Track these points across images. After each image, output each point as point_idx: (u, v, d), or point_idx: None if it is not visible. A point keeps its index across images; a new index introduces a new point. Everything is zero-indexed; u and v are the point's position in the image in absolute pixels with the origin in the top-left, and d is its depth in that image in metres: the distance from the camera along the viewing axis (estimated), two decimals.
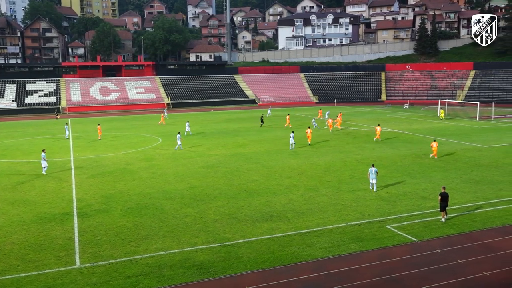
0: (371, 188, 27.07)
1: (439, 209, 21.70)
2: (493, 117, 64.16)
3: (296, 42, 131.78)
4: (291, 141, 41.14)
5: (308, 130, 43.64)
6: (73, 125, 63.62)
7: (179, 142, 41.71)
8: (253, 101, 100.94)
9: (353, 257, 17.85)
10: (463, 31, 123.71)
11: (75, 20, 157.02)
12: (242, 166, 34.28)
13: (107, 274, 16.75)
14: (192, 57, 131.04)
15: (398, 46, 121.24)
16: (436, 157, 35.82)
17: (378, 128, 45.98)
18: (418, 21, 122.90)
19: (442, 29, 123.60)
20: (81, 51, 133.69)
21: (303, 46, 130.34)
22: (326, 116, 61.79)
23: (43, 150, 34.12)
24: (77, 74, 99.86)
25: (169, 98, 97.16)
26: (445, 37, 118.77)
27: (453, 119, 63.59)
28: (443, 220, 21.38)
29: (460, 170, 31.78)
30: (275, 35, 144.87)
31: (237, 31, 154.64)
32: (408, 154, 38.05)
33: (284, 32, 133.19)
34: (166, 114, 72.23)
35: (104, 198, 26.21)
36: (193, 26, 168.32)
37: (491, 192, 26.10)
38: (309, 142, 43.19)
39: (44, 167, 32.64)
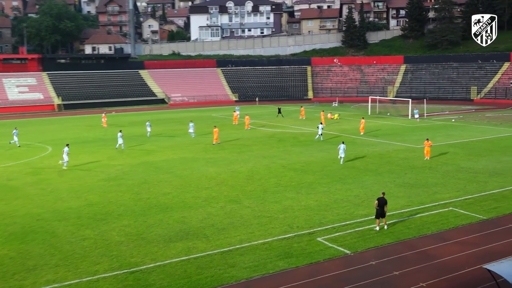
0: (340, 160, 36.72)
1: (374, 216, 22.70)
2: (425, 114, 68.61)
3: (211, 33, 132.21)
4: (320, 131, 47.83)
5: (216, 129, 46.67)
6: None
7: (120, 141, 44.44)
8: (162, 101, 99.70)
9: (281, 275, 18.16)
10: (393, 22, 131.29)
11: None
12: (151, 177, 33.73)
13: None
14: (88, 49, 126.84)
15: (325, 37, 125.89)
16: (428, 158, 37.89)
17: (362, 121, 52.83)
18: (345, 11, 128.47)
19: (371, 19, 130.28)
20: None
21: (220, 37, 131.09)
22: (416, 114, 64.68)
23: (67, 145, 38.28)
24: None
25: (60, 98, 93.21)
26: (374, 28, 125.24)
27: (384, 118, 67.12)
28: (377, 228, 22.43)
29: (394, 173, 33.60)
30: (187, 24, 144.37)
31: (141, 19, 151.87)
32: (338, 157, 39.51)
33: (197, 21, 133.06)
34: (104, 118, 67.56)
35: None
36: (88, 12, 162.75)
37: (425, 196, 27.87)
38: (213, 142, 46.57)
39: (65, 162, 36.92)
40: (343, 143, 37.52)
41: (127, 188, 30.78)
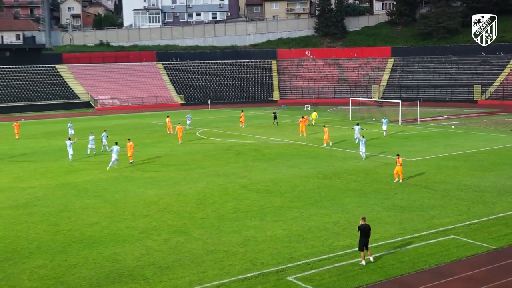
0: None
1: (358, 248, 22.89)
2: (419, 120, 69.97)
3: (149, 17, 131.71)
4: (357, 134, 52.11)
5: (130, 143, 45.27)
6: None
7: (70, 151, 46.20)
8: (87, 104, 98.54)
9: None
10: (377, 5, 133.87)
11: None
12: (73, 203, 33.26)
13: None
14: None
15: (294, 24, 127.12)
16: (401, 180, 37.04)
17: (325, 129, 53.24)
18: None
19: (350, 2, 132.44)
20: None
21: (160, 23, 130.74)
22: (384, 125, 60.37)
23: (115, 143, 43.91)
24: None
25: None
26: (354, 13, 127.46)
27: (368, 124, 68.01)
28: (363, 263, 22.60)
29: (381, 194, 34.02)
30: (118, 6, 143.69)
31: (59, 0, 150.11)
32: (313, 174, 39.83)
33: (131, 2, 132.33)
34: (17, 128, 63.57)
35: None
36: None
37: (421, 222, 28.27)
38: (130, 161, 45.20)
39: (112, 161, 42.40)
40: (363, 137, 46.19)
41: (41, 218, 30.19)
